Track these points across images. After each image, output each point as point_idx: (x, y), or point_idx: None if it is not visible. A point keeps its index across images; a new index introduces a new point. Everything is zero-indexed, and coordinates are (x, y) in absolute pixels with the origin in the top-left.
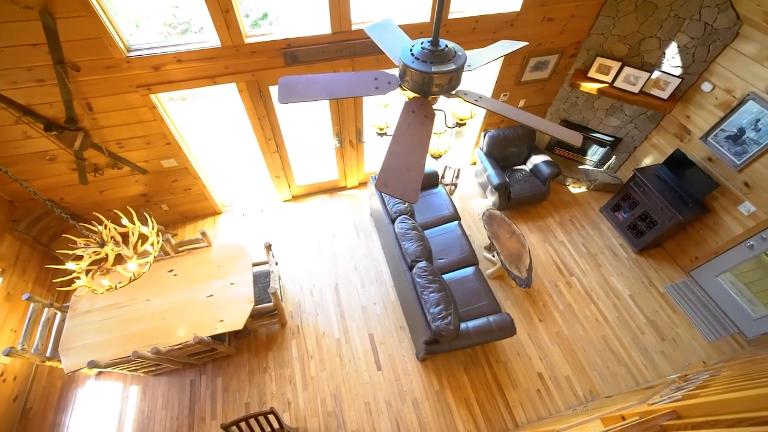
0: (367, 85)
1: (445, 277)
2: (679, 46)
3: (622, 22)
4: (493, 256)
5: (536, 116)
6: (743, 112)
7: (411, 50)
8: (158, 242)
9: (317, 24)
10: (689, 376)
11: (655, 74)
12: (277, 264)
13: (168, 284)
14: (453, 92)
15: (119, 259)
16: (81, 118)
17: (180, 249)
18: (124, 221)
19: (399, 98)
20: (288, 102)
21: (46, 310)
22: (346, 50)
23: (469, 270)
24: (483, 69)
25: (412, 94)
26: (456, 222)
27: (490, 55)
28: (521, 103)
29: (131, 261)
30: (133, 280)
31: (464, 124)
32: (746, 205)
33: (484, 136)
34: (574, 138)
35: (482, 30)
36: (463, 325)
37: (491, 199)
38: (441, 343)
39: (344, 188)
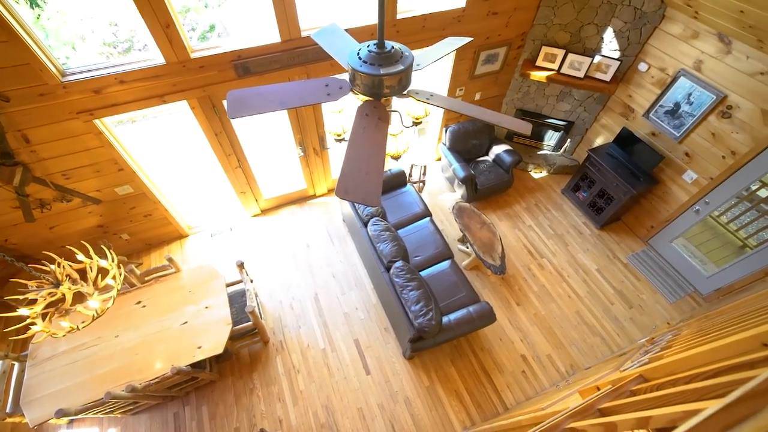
0: (318, 92)
1: (423, 273)
2: (614, 31)
3: (561, 11)
4: (467, 248)
5: (486, 109)
6: (677, 88)
7: (358, 54)
8: (120, 274)
9: (266, 33)
10: (655, 338)
11: (597, 58)
12: (252, 281)
13: (137, 317)
14: (404, 92)
15: (80, 298)
16: (18, 151)
17: (146, 278)
18: (80, 256)
19: (354, 103)
20: (238, 116)
21: (0, 363)
22: (298, 58)
23: (446, 264)
24: (437, 66)
25: (364, 98)
26: (428, 218)
27: (437, 53)
28: (477, 96)
29: (92, 298)
30: (97, 317)
31: (420, 122)
32: (689, 173)
33: (446, 131)
34: (523, 127)
35: (431, 28)
36: (444, 319)
37: (459, 192)
38: (425, 339)
39: (313, 197)
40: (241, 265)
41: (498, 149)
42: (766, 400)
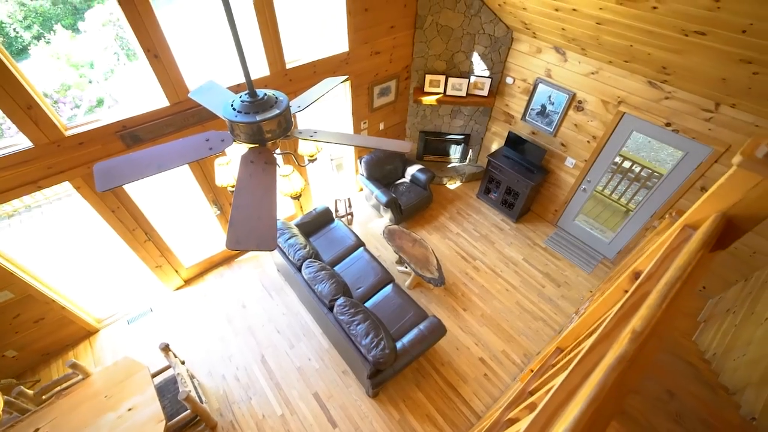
0: (199, 148)
1: (367, 303)
2: (479, 55)
3: (433, 44)
4: (406, 268)
5: (368, 137)
6: (539, 93)
7: (232, 105)
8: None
9: (154, 99)
10: (579, 309)
11: (473, 78)
12: (183, 363)
13: None
14: (288, 134)
15: None
16: None
17: (44, 396)
18: None
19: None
20: (110, 188)
21: None
22: (192, 118)
23: (388, 288)
24: (339, 104)
25: (250, 146)
26: (361, 248)
27: (317, 93)
28: (381, 126)
29: None
30: None
31: (314, 158)
32: (569, 160)
33: (361, 162)
34: (402, 146)
35: (322, 72)
36: (398, 344)
37: (387, 216)
38: (384, 370)
39: (241, 253)
40: (165, 348)
41: (412, 170)
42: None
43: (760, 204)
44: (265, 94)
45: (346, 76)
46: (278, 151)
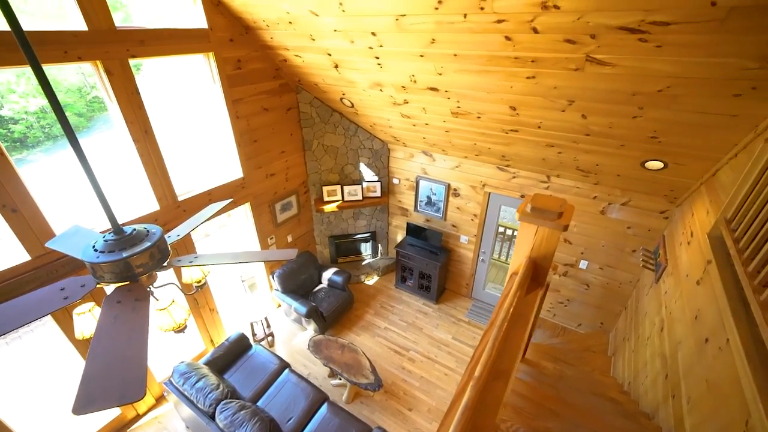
0: (53, 299)
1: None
2: (365, 164)
3: (323, 161)
4: (339, 379)
5: (255, 251)
6: (422, 188)
7: (94, 246)
8: None
9: (11, 255)
10: None
11: (365, 184)
12: None
13: None
14: (165, 264)
15: None
16: None
17: None
18: None
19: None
20: None
21: None
22: (63, 268)
23: (323, 410)
24: (241, 225)
25: (116, 285)
26: (287, 370)
27: (200, 219)
28: (289, 238)
29: None
30: None
31: (202, 283)
32: (462, 237)
33: (273, 277)
34: (289, 254)
35: (218, 199)
36: None
37: (311, 327)
38: None
39: (137, 417)
40: None
41: (328, 274)
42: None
43: (545, 244)
44: (134, 229)
45: (230, 200)
46: (154, 285)
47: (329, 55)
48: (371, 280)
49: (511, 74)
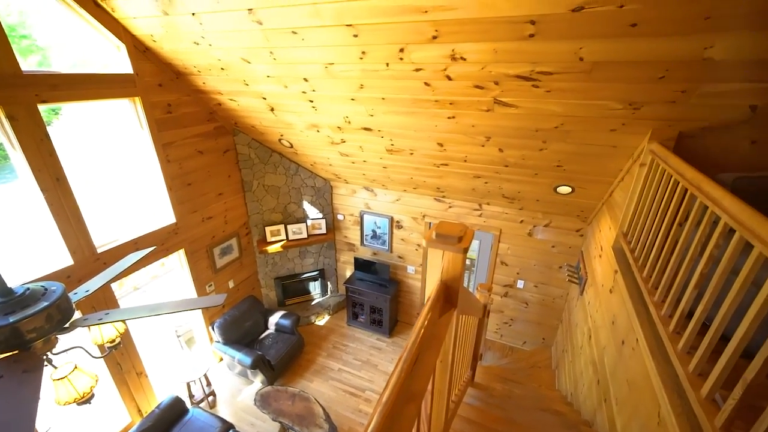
0: None
1: None
2: (308, 202)
3: (265, 201)
4: None
5: (174, 301)
6: (367, 222)
7: None
8: None
9: None
10: None
11: (309, 222)
12: None
13: None
14: (67, 326)
15: None
16: None
17: None
18: None
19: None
20: None
21: None
22: None
23: None
24: (175, 275)
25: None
26: None
27: (116, 270)
28: (231, 284)
29: None
30: None
31: (117, 342)
32: (409, 268)
33: (213, 328)
34: (216, 300)
35: (146, 247)
36: None
37: (258, 379)
38: None
39: None
40: None
41: (275, 318)
42: None
43: (452, 267)
44: (27, 289)
45: (153, 248)
46: (53, 351)
47: (264, 98)
48: (322, 320)
49: (434, 114)
